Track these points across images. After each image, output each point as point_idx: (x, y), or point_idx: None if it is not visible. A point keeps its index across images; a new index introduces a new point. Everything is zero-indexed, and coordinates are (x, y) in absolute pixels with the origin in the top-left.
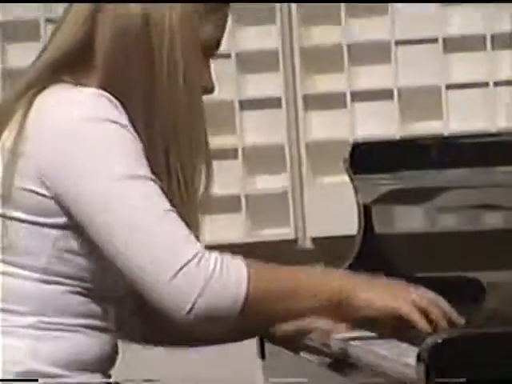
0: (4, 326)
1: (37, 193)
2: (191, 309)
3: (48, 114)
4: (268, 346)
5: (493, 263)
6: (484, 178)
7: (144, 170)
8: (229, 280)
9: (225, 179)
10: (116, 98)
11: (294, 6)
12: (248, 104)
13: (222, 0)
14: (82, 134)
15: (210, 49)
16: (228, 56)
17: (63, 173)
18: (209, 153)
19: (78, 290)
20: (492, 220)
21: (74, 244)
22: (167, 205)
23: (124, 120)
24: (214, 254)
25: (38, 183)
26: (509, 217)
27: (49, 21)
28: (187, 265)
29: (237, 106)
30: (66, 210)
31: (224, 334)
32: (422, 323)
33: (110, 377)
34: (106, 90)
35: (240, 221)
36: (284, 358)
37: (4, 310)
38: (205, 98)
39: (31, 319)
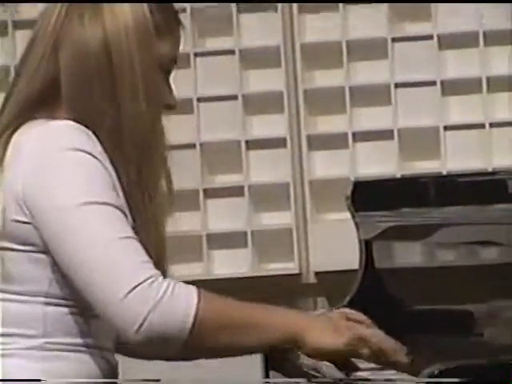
0: (16, 349)
1: (21, 222)
2: (139, 328)
3: (23, 149)
4: (272, 374)
5: (490, 296)
6: (480, 215)
7: (108, 197)
8: (178, 304)
9: (231, 216)
10: (86, 126)
11: (298, 49)
12: (254, 144)
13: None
14: (52, 163)
15: (168, 66)
16: (235, 98)
17: (35, 200)
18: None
19: (79, 310)
20: (488, 255)
21: None
22: (127, 230)
23: (94, 150)
24: (168, 280)
25: (19, 213)
26: (504, 252)
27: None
28: (138, 286)
29: (243, 145)
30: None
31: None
32: (398, 356)
33: None
34: (75, 120)
35: (246, 255)
36: None
37: (11, 335)
38: (213, 138)
39: (38, 341)
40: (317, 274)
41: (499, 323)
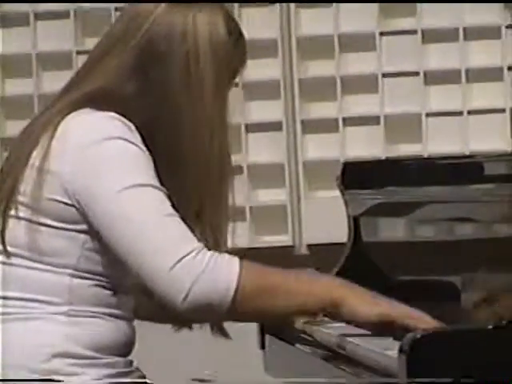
0: (41, 313)
1: (61, 202)
2: (186, 296)
3: (69, 136)
4: (267, 338)
5: (466, 268)
6: (458, 194)
7: (151, 179)
8: (220, 275)
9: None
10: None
11: (294, 41)
12: (253, 127)
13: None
14: (97, 151)
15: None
16: (236, 85)
17: (82, 184)
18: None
19: (102, 283)
20: (465, 231)
21: (98, 245)
22: (171, 209)
23: (135, 139)
24: (211, 252)
25: (61, 194)
26: (480, 228)
27: (79, 53)
28: (184, 257)
29: (243, 128)
30: (85, 218)
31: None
32: (423, 321)
33: (131, 362)
34: (136, 124)
35: (245, 229)
36: (281, 349)
37: (39, 301)
38: None
39: (64, 308)
40: (309, 246)
41: (474, 293)
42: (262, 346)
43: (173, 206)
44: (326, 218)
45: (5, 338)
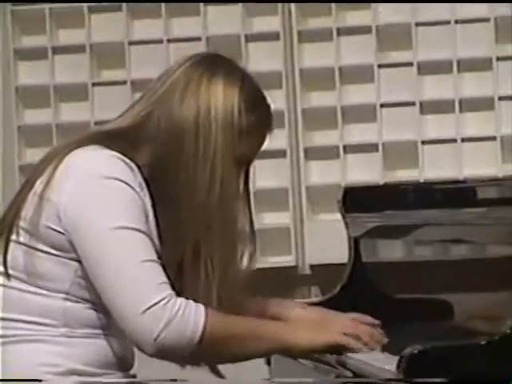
0: (40, 335)
1: (55, 230)
2: (155, 341)
3: (71, 169)
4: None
5: (460, 287)
6: (452, 217)
7: (136, 223)
8: (187, 324)
9: None
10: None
11: (297, 73)
12: (259, 154)
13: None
14: (91, 186)
15: (244, 162)
16: None
17: (74, 217)
18: (254, 239)
19: (95, 307)
20: (459, 252)
21: None
22: (152, 255)
23: (133, 182)
24: (180, 300)
25: (56, 222)
26: (474, 249)
27: (94, 84)
28: (154, 306)
29: None
30: (74, 247)
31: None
32: (353, 344)
33: (134, 377)
34: (144, 168)
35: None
36: (287, 364)
37: (37, 323)
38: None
39: (61, 330)
40: (311, 266)
41: (468, 310)
42: (268, 362)
43: (157, 251)
44: (328, 239)
45: (6, 359)
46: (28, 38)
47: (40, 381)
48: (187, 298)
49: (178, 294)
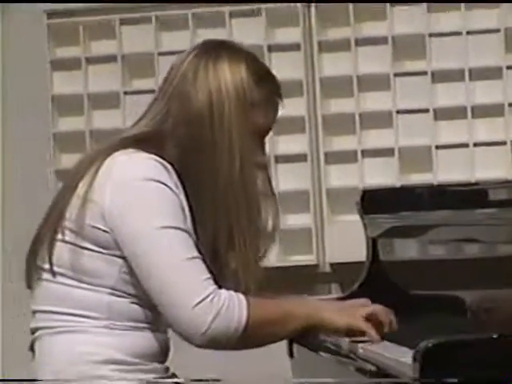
0: (84, 327)
1: (100, 229)
2: (204, 333)
3: (113, 171)
4: (296, 347)
5: (472, 284)
6: (465, 217)
7: (177, 222)
8: (232, 315)
9: None
10: (179, 170)
11: (317, 81)
12: (281, 159)
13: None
14: (134, 188)
15: (262, 133)
16: None
17: (118, 217)
18: (275, 201)
19: (138, 302)
20: (471, 250)
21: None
22: (195, 252)
23: (170, 181)
24: (224, 294)
25: (100, 222)
26: (485, 248)
27: (126, 93)
28: (203, 301)
29: (272, 160)
30: (118, 244)
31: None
32: (371, 332)
33: (168, 368)
34: (173, 163)
35: (274, 249)
36: (308, 357)
37: (82, 315)
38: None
39: (104, 322)
40: (331, 264)
41: (481, 306)
42: (291, 355)
43: (197, 246)
44: (347, 239)
45: (52, 348)
46: (63, 49)
47: (37, 380)
48: (220, 287)
49: (220, 286)
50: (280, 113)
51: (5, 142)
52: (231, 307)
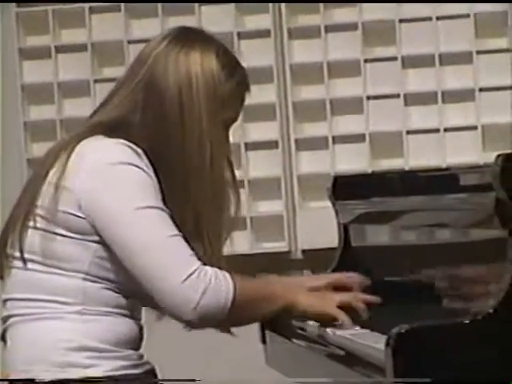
0: (57, 313)
1: (75, 215)
2: (194, 309)
3: (84, 158)
4: (268, 333)
5: (443, 269)
6: (436, 203)
7: (157, 202)
8: (220, 289)
9: None
10: (148, 153)
11: (287, 68)
12: (252, 146)
13: None
14: (109, 174)
15: (229, 123)
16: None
17: (94, 202)
18: (237, 187)
19: (112, 287)
20: (443, 236)
21: (108, 254)
22: (175, 230)
23: (142, 164)
24: (210, 270)
25: (75, 208)
26: (455, 233)
27: (96, 81)
28: (191, 275)
29: (243, 147)
30: (96, 230)
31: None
32: (344, 318)
33: (142, 356)
34: (142, 147)
35: (246, 237)
36: (280, 343)
37: (54, 301)
38: None
39: (77, 307)
40: (303, 251)
41: (453, 292)
42: (263, 341)
43: (175, 224)
44: (319, 225)
45: (26, 336)
46: (32, 37)
47: (33, 380)
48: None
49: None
50: (250, 100)
51: None
52: (218, 282)
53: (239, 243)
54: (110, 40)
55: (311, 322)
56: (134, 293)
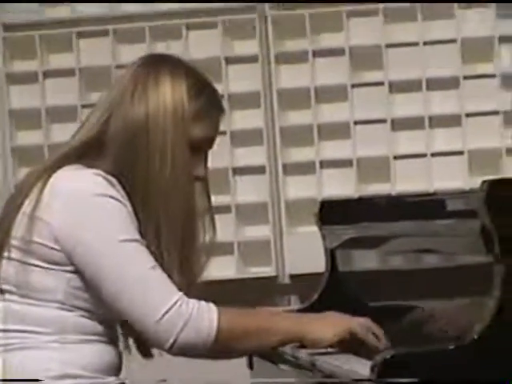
0: (36, 342)
1: (49, 247)
2: (173, 344)
3: (59, 188)
4: (255, 359)
5: (430, 294)
6: (423, 228)
7: (133, 234)
8: (202, 323)
9: (221, 229)
10: (119, 179)
11: (275, 93)
12: (239, 171)
13: None
14: (84, 205)
15: (203, 145)
16: (224, 133)
17: (70, 234)
18: (212, 213)
19: (88, 315)
20: (430, 261)
21: (83, 284)
22: (153, 261)
23: (118, 195)
24: (192, 301)
25: (50, 240)
26: (443, 259)
27: (84, 106)
28: (170, 309)
29: (230, 172)
30: (71, 261)
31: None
32: (369, 337)
33: (123, 383)
34: (112, 173)
35: (233, 261)
36: (267, 368)
37: (31, 332)
38: (208, 165)
39: (55, 337)
40: (291, 276)
41: (439, 317)
42: (251, 367)
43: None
44: (306, 250)
45: (7, 366)
46: (19, 62)
47: (38, 381)
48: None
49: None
50: (238, 125)
51: None
52: (200, 314)
53: (226, 268)
54: (97, 65)
55: (302, 349)
56: (109, 320)
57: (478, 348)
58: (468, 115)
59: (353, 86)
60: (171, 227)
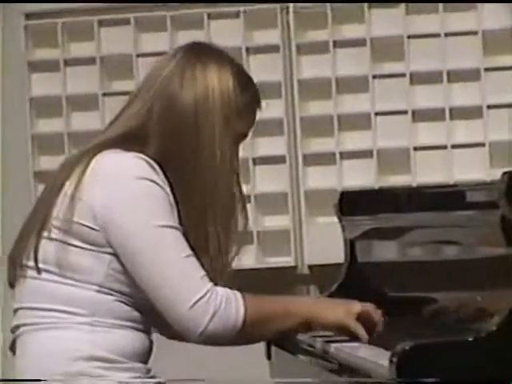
0: (67, 323)
1: (89, 227)
2: (202, 332)
3: (101, 170)
4: (273, 349)
5: (450, 285)
6: (443, 219)
7: (171, 220)
8: (230, 312)
9: None
10: (161, 166)
11: (296, 83)
12: (259, 160)
13: None
14: (125, 188)
15: (242, 138)
16: None
17: (110, 217)
18: (244, 202)
19: (124, 300)
20: (449, 252)
21: (123, 267)
22: (189, 250)
23: (158, 179)
24: (221, 291)
25: (90, 220)
26: (462, 250)
27: (105, 94)
28: (200, 301)
29: (251, 162)
30: (110, 243)
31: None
32: (361, 332)
33: (149, 370)
34: (155, 159)
35: (252, 251)
36: (285, 358)
37: (65, 311)
38: None
39: (88, 319)
40: (310, 266)
41: (459, 308)
42: (269, 357)
43: (188, 242)
44: (326, 241)
45: (37, 345)
46: (41, 50)
47: (39, 380)
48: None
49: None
50: (259, 115)
51: None
52: (228, 305)
53: (246, 258)
54: (118, 53)
55: (319, 338)
56: (145, 307)
57: (497, 340)
58: (489, 107)
59: (374, 76)
60: (216, 216)
